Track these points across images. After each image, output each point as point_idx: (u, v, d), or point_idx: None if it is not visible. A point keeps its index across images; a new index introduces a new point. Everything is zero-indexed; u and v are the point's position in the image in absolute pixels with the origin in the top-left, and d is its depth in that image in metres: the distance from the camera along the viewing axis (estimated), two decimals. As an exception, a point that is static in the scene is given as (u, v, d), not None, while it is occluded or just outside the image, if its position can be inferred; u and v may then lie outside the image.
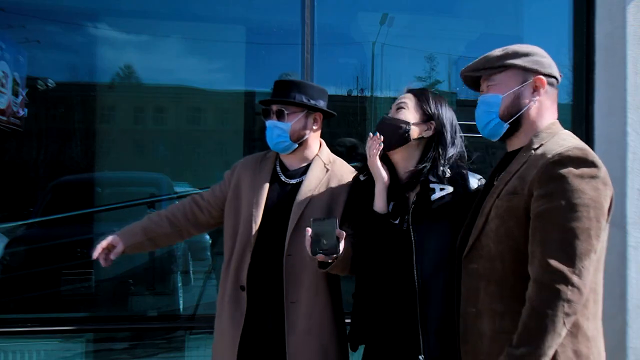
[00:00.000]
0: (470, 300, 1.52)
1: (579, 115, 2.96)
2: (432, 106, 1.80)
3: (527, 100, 1.55)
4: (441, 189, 1.72)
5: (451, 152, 1.79)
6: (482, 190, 1.65)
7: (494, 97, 1.57)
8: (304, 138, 1.98)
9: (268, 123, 1.98)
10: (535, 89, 1.55)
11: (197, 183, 4.67)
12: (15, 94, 3.66)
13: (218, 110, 5.60)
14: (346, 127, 4.27)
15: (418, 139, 1.80)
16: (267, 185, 1.96)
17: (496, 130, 1.59)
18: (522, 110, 1.55)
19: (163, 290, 4.00)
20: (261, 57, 4.55)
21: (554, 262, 1.32)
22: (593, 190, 1.36)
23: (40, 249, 3.83)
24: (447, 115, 1.82)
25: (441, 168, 1.75)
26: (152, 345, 3.62)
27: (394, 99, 1.92)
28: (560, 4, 3.22)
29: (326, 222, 1.65)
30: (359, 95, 4.60)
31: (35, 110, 4.09)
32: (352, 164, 2.11)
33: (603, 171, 1.40)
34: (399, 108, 1.81)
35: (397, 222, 1.76)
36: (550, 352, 1.33)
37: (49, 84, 4.31)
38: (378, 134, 1.77)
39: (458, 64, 4.30)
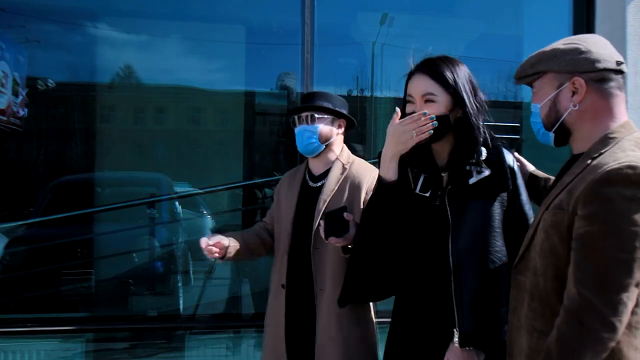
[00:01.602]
0: (515, 312, 1.46)
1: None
2: (452, 82, 1.66)
3: (565, 106, 1.39)
4: (478, 172, 1.66)
5: (480, 124, 1.67)
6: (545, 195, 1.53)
7: (534, 106, 1.47)
8: (331, 140, 2.16)
9: (298, 128, 2.16)
10: (575, 92, 1.38)
11: (197, 183, 4.67)
12: (15, 94, 3.66)
13: (218, 110, 5.60)
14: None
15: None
16: (297, 194, 2.18)
17: (546, 139, 1.48)
18: (562, 118, 1.41)
19: (163, 290, 4.00)
20: (261, 57, 4.55)
21: (586, 293, 1.20)
22: None
23: (40, 249, 3.83)
24: (466, 83, 1.68)
25: (475, 151, 1.66)
26: (152, 345, 3.62)
27: (394, 99, 1.89)
28: (560, 4, 3.22)
29: (336, 211, 1.86)
30: (359, 95, 4.60)
31: (35, 110, 4.09)
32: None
33: None
34: (428, 101, 1.67)
35: (427, 194, 1.72)
36: None
37: (49, 84, 4.31)
38: (428, 114, 1.64)
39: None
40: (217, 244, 2.06)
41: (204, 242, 2.04)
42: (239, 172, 4.85)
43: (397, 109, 1.69)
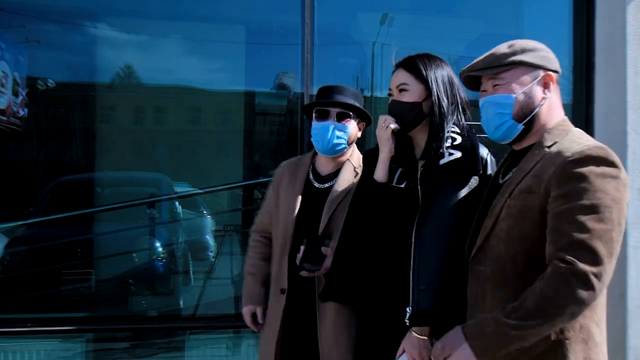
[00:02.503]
0: (477, 304, 1.47)
1: (579, 116, 2.96)
2: (424, 73, 1.75)
3: (539, 98, 1.48)
4: (450, 154, 1.72)
5: (451, 115, 1.75)
6: (488, 190, 1.60)
7: (506, 97, 1.48)
8: (353, 142, 2.09)
9: (324, 124, 2.01)
10: (546, 86, 1.48)
11: (197, 183, 4.67)
12: (15, 94, 3.66)
13: (218, 110, 5.60)
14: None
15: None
16: (300, 193, 2.05)
17: (509, 133, 1.50)
18: (536, 109, 1.47)
19: (163, 290, 4.00)
20: (261, 57, 4.55)
21: (571, 259, 1.25)
22: (615, 191, 1.30)
23: (40, 249, 3.83)
24: (438, 75, 1.76)
25: (445, 135, 1.72)
26: (152, 345, 3.62)
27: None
28: (560, 4, 3.21)
29: (316, 241, 1.87)
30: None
31: (35, 110, 4.09)
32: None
33: (623, 172, 1.33)
34: (402, 90, 1.77)
35: (403, 185, 1.77)
36: (533, 340, 1.30)
37: (49, 84, 4.31)
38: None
39: (458, 63, 4.29)
40: (259, 314, 2.09)
41: (253, 327, 2.11)
42: (239, 172, 4.85)
43: (380, 117, 1.79)
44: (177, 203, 4.57)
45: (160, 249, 4.14)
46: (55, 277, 3.70)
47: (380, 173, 1.78)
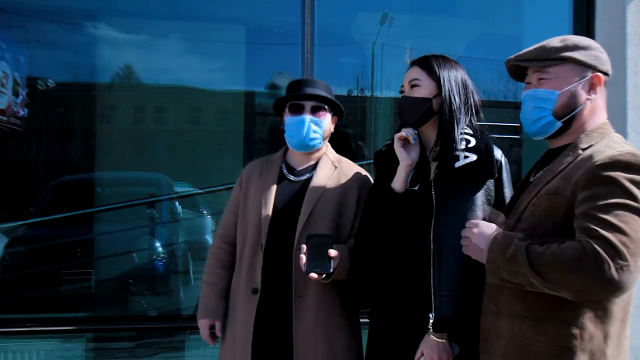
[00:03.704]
0: (492, 297, 1.46)
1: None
2: (437, 71, 1.75)
3: (583, 99, 1.43)
4: (465, 157, 1.70)
5: (463, 115, 1.74)
6: (518, 187, 1.57)
7: (550, 92, 1.44)
8: (327, 137, 2.03)
9: (299, 118, 1.94)
10: (592, 87, 1.43)
11: (197, 183, 4.67)
12: (16, 94, 3.66)
13: (218, 110, 5.60)
14: (346, 127, 4.26)
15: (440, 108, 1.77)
16: (274, 186, 1.96)
17: (546, 129, 1.47)
18: (578, 109, 1.43)
19: (163, 290, 4.00)
20: (261, 57, 4.55)
21: (600, 251, 1.21)
22: None
23: (40, 249, 3.83)
24: (452, 74, 1.76)
25: (458, 136, 1.71)
26: (152, 345, 3.62)
27: (395, 99, 1.91)
28: (560, 4, 3.22)
29: (321, 240, 1.76)
30: (359, 95, 4.60)
31: (35, 110, 4.09)
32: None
33: None
34: (413, 86, 1.77)
35: (416, 188, 1.75)
36: (522, 280, 1.31)
37: (49, 84, 4.31)
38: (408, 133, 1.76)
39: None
40: (217, 328, 2.01)
41: (210, 341, 2.02)
42: (239, 172, 4.83)
43: (395, 136, 1.78)
44: (177, 203, 4.57)
45: (160, 249, 4.14)
46: (55, 277, 3.70)
47: (399, 184, 1.75)
